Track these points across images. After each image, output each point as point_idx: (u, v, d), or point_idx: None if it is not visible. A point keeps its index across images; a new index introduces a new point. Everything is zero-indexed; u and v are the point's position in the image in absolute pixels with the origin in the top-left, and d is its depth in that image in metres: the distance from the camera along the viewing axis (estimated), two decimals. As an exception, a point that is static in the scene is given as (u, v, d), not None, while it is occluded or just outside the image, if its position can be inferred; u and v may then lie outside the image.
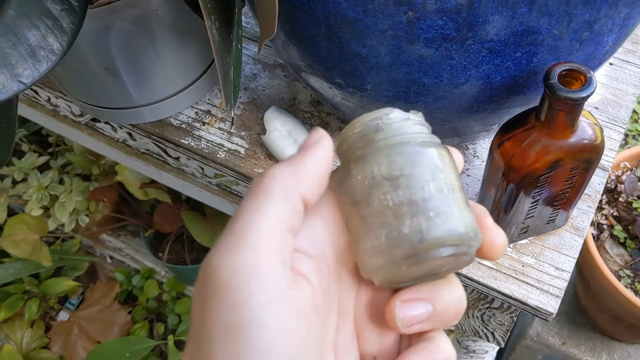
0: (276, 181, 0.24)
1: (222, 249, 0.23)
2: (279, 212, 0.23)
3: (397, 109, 0.26)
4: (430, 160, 0.24)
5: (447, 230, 0.23)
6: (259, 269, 0.22)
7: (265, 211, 0.23)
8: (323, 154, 0.25)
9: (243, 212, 0.23)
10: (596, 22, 0.35)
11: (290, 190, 0.24)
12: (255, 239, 0.23)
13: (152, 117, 0.55)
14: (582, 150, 0.38)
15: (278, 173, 0.24)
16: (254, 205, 0.23)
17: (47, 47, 0.36)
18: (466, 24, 0.33)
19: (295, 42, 0.40)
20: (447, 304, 0.26)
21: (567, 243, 0.47)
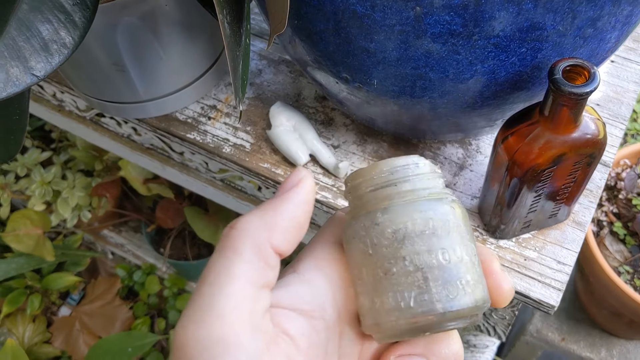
0: (246, 236, 0.22)
1: (189, 320, 0.21)
2: (249, 270, 0.22)
3: (423, 158, 0.25)
4: (459, 222, 0.24)
5: (475, 300, 0.23)
6: (227, 342, 0.20)
7: (233, 271, 0.22)
8: (303, 198, 0.24)
9: (211, 274, 0.22)
10: (599, 19, 0.36)
11: (261, 245, 0.22)
12: (222, 307, 0.21)
13: (158, 111, 0.55)
14: (585, 145, 0.39)
15: (248, 226, 0.23)
16: (221, 266, 0.22)
17: (60, 40, 0.37)
18: (473, 20, 0.34)
19: (303, 37, 0.41)
20: (444, 359, 0.25)
21: (569, 237, 0.48)
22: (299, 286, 0.24)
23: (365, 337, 0.26)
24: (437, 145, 0.53)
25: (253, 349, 0.21)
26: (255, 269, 0.22)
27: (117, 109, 0.55)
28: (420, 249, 0.23)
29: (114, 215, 1.18)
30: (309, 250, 0.26)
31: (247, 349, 0.21)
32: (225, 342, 0.20)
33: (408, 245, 0.23)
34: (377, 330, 0.24)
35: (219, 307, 0.21)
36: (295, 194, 0.24)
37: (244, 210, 0.69)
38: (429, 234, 0.23)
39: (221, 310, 0.21)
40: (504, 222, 0.46)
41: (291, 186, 0.24)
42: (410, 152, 0.53)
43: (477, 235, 0.48)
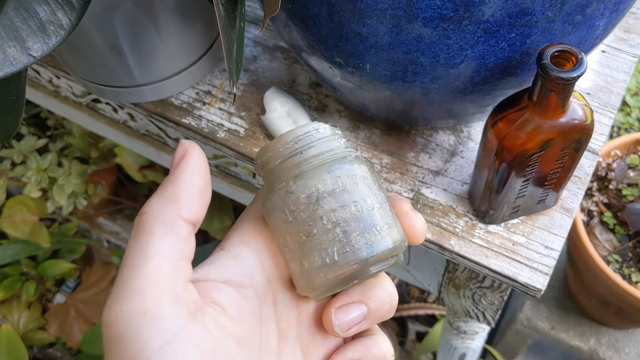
0: (153, 216, 0.23)
1: (111, 300, 0.22)
2: (163, 246, 0.23)
3: (322, 123, 0.26)
4: (365, 174, 0.26)
5: (392, 241, 0.25)
6: (148, 314, 0.21)
7: (147, 250, 0.23)
8: (195, 165, 0.24)
9: (128, 258, 0.23)
10: (588, 6, 0.36)
11: (169, 221, 0.23)
12: (140, 284, 0.22)
13: (154, 96, 0.56)
14: (573, 130, 0.40)
15: (154, 207, 0.24)
16: (136, 249, 0.23)
17: (57, 22, 0.37)
18: (463, 5, 0.34)
19: (297, 21, 0.41)
20: (380, 301, 0.27)
21: (556, 223, 0.49)
22: (226, 261, 0.26)
23: (300, 300, 0.27)
24: (429, 132, 0.54)
25: (176, 316, 0.22)
26: (168, 244, 0.23)
27: (113, 93, 0.55)
28: (334, 206, 0.24)
29: (110, 203, 1.18)
30: (235, 229, 0.27)
31: (170, 317, 0.22)
32: (148, 314, 0.21)
33: (323, 205, 0.24)
34: (311, 289, 0.25)
35: (138, 284, 0.22)
36: (185, 165, 0.24)
37: (238, 196, 0.70)
38: (339, 191, 0.25)
39: (139, 286, 0.22)
40: (493, 208, 0.47)
41: (179, 159, 0.25)
42: (403, 139, 0.54)
43: (467, 221, 0.49)
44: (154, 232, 0.23)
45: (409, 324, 1.16)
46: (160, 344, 0.21)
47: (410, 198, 0.50)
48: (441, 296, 0.62)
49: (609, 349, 0.87)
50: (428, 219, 0.49)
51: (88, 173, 1.05)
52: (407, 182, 0.51)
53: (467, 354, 0.79)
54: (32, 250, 1.07)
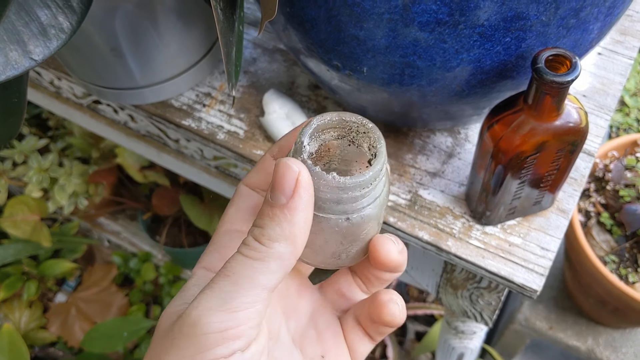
0: (276, 250, 0.25)
1: (207, 304, 0.24)
2: (271, 281, 0.25)
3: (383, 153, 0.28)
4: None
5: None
6: (227, 333, 0.24)
7: (257, 279, 0.24)
8: (308, 199, 0.25)
9: (236, 271, 0.24)
10: (582, 10, 0.37)
11: (287, 260, 0.25)
12: (237, 305, 0.24)
13: (154, 98, 0.56)
14: (568, 132, 0.40)
15: (284, 245, 0.25)
16: (248, 269, 0.24)
17: (58, 25, 0.38)
18: (459, 9, 0.35)
19: (295, 25, 0.42)
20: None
21: (552, 224, 0.49)
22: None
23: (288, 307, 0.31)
24: (427, 134, 0.54)
25: (251, 338, 0.25)
26: (276, 279, 0.25)
27: (114, 94, 0.56)
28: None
29: (111, 203, 1.19)
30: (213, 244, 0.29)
31: (246, 339, 0.24)
32: (226, 333, 0.24)
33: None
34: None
35: (234, 305, 0.24)
36: (299, 199, 0.25)
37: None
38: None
39: (235, 307, 0.24)
40: (490, 209, 0.47)
41: (291, 188, 0.25)
42: (400, 140, 0.54)
43: (464, 222, 0.50)
44: (269, 264, 0.25)
45: (408, 324, 1.16)
46: (218, 357, 0.24)
47: (408, 200, 0.51)
48: (439, 296, 0.63)
49: (607, 348, 0.87)
50: (425, 220, 0.50)
51: (89, 173, 1.06)
52: (405, 183, 0.52)
53: (466, 353, 0.79)
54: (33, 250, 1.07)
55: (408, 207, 0.50)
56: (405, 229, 0.49)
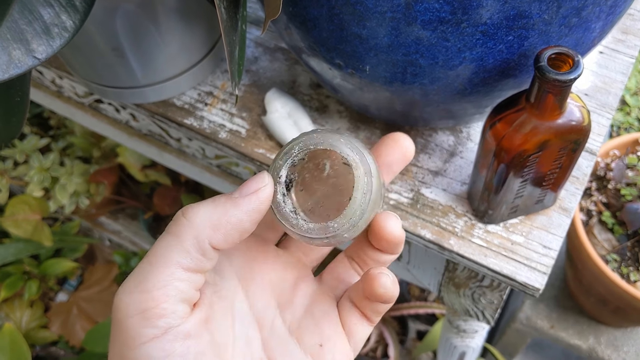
0: (190, 227, 0.25)
1: (122, 288, 0.25)
2: (184, 259, 0.25)
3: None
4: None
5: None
6: (147, 312, 0.24)
7: (170, 256, 0.25)
8: (254, 208, 0.26)
9: (152, 253, 0.25)
10: (584, 9, 0.37)
11: (202, 241, 0.25)
12: (151, 284, 0.24)
13: (156, 97, 0.56)
14: (570, 131, 0.40)
15: (196, 219, 0.25)
16: (163, 248, 0.25)
17: (61, 24, 0.38)
18: (461, 8, 0.35)
19: (298, 24, 0.42)
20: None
21: (555, 222, 0.49)
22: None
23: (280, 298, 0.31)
24: (429, 132, 0.54)
25: (173, 316, 0.24)
26: (191, 258, 0.25)
27: (116, 94, 0.56)
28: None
29: (112, 202, 1.19)
30: None
31: (166, 317, 0.24)
32: (147, 312, 0.24)
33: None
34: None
35: (149, 284, 0.24)
36: (248, 202, 0.26)
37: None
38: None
39: (149, 286, 0.24)
40: (492, 208, 0.47)
41: (248, 192, 0.26)
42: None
43: (466, 221, 0.50)
44: (183, 242, 0.25)
45: (409, 323, 1.16)
46: (150, 338, 0.24)
47: (410, 198, 0.51)
48: (441, 295, 0.63)
49: (608, 347, 0.87)
50: (428, 218, 0.50)
51: (90, 172, 1.06)
52: (407, 182, 0.52)
53: (467, 352, 0.79)
54: (34, 249, 1.07)
55: (410, 206, 0.50)
56: (407, 227, 0.49)
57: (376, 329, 1.09)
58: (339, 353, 0.29)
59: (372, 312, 0.30)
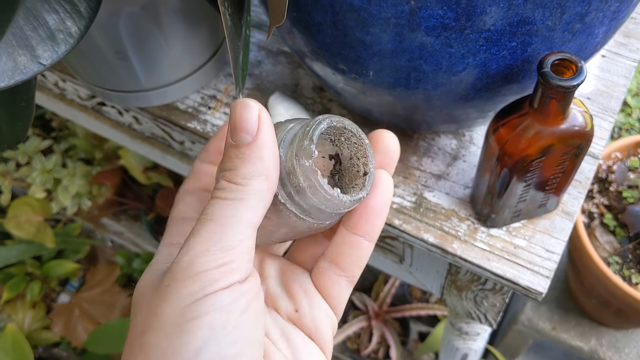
0: (252, 186, 0.26)
1: (196, 249, 0.25)
2: (255, 216, 0.25)
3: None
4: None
5: None
6: (224, 267, 0.24)
7: (241, 216, 0.25)
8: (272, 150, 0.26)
9: (220, 214, 0.25)
10: (587, 15, 0.37)
11: (264, 194, 0.26)
12: (230, 242, 0.25)
13: (160, 100, 0.57)
14: (573, 136, 0.40)
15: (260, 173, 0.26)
16: (231, 210, 0.25)
17: (66, 30, 0.38)
18: (465, 14, 0.35)
19: (301, 29, 0.42)
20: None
21: (557, 226, 0.49)
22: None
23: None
24: (432, 136, 0.55)
25: (248, 272, 0.26)
26: (259, 214, 0.26)
27: (119, 97, 0.56)
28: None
29: (114, 204, 1.19)
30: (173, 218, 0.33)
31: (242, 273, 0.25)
32: (223, 267, 0.24)
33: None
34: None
35: (227, 243, 0.25)
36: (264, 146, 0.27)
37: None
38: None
39: (229, 245, 0.25)
40: (495, 212, 0.47)
41: (253, 130, 0.26)
42: (405, 143, 0.54)
43: (469, 224, 0.50)
44: (250, 199, 0.25)
45: (411, 324, 1.16)
46: (222, 287, 0.24)
47: (413, 202, 0.51)
48: (443, 298, 0.63)
49: (610, 349, 0.87)
50: (431, 222, 0.50)
51: (92, 174, 1.06)
52: (410, 185, 0.52)
53: (469, 354, 0.80)
54: (36, 251, 1.08)
55: (413, 210, 0.51)
56: (410, 231, 0.49)
57: (378, 330, 1.09)
58: (318, 314, 0.30)
59: (351, 265, 0.31)
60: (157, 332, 0.23)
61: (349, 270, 0.31)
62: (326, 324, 0.30)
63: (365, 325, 1.11)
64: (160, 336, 0.23)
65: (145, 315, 0.24)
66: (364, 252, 0.31)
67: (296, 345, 0.29)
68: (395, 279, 1.13)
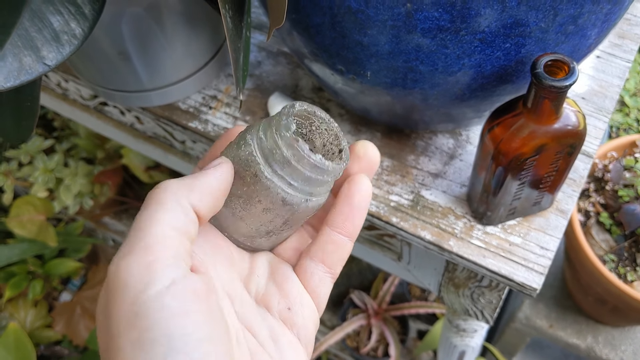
0: (167, 191, 0.26)
1: (118, 256, 0.25)
2: (171, 217, 0.25)
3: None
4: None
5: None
6: (152, 264, 0.24)
7: (157, 217, 0.25)
8: (219, 176, 0.27)
9: (138, 222, 0.25)
10: (580, 17, 0.38)
11: (181, 199, 0.26)
12: (148, 241, 0.24)
13: (161, 100, 0.58)
14: (566, 135, 0.41)
15: (169, 185, 0.26)
16: (146, 215, 0.25)
17: (70, 31, 0.39)
18: (460, 16, 0.36)
19: (300, 30, 0.43)
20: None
21: (552, 224, 0.50)
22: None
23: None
24: (429, 135, 0.55)
25: (177, 268, 0.24)
26: (177, 217, 0.26)
27: (122, 97, 0.57)
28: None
29: (115, 203, 1.20)
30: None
31: (172, 267, 0.24)
32: (153, 264, 0.24)
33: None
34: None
35: (145, 242, 0.24)
36: (213, 171, 0.28)
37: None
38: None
39: (146, 244, 0.24)
40: (490, 209, 0.48)
41: (211, 166, 0.28)
42: (403, 142, 0.55)
43: (466, 222, 0.51)
44: (165, 204, 0.26)
45: (410, 323, 1.17)
46: (160, 288, 0.23)
47: (410, 200, 0.52)
48: (441, 295, 0.64)
49: (606, 346, 0.88)
50: (428, 220, 0.51)
51: (94, 173, 1.07)
52: (408, 184, 0.53)
53: (467, 351, 0.80)
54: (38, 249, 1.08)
55: (410, 208, 0.51)
56: (407, 228, 0.50)
57: (377, 328, 1.10)
58: (307, 312, 0.31)
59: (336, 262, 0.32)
60: (118, 352, 0.23)
61: (334, 268, 0.32)
62: (313, 322, 0.31)
63: (365, 324, 1.12)
64: (126, 355, 0.23)
65: (103, 334, 0.25)
66: (346, 250, 0.32)
67: (283, 346, 0.29)
68: (394, 278, 1.14)
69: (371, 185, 0.32)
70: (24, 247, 1.07)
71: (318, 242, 0.32)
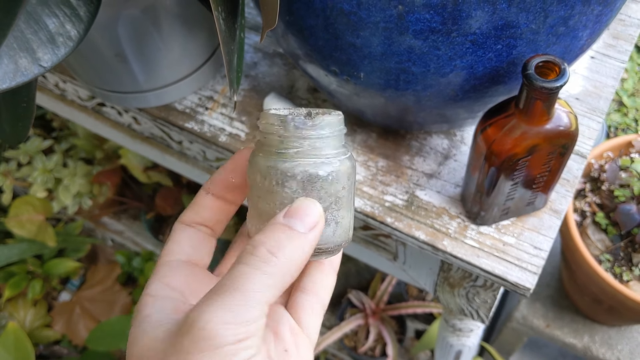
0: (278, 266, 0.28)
1: (216, 315, 0.26)
2: (273, 296, 0.27)
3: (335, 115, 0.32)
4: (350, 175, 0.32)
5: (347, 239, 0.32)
6: (241, 344, 0.25)
7: (263, 295, 0.26)
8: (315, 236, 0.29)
9: (242, 281, 0.26)
10: (571, 18, 0.38)
11: (285, 279, 0.28)
12: (248, 318, 0.26)
13: (158, 101, 0.58)
14: (558, 136, 0.42)
15: (285, 257, 0.28)
16: (257, 284, 0.26)
17: (65, 33, 0.39)
18: (451, 18, 0.36)
19: (294, 32, 0.43)
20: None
21: (545, 224, 0.50)
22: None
23: None
24: (424, 136, 0.56)
25: (255, 348, 0.27)
26: (276, 295, 0.27)
27: (119, 98, 0.57)
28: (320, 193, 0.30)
29: (114, 203, 1.21)
30: (156, 274, 0.32)
31: (252, 348, 0.26)
32: (240, 344, 0.26)
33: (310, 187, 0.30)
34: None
35: (245, 317, 0.26)
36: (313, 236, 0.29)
37: (240, 197, 0.72)
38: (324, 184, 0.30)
39: (246, 319, 0.26)
40: (484, 209, 0.48)
41: (310, 225, 0.29)
42: (398, 142, 0.55)
43: (460, 222, 0.51)
44: (273, 276, 0.27)
45: (407, 322, 1.18)
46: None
47: (405, 200, 0.52)
48: (437, 295, 0.64)
49: (602, 345, 0.88)
50: (422, 220, 0.51)
51: (93, 174, 1.07)
52: (402, 184, 0.53)
53: (463, 351, 0.81)
54: (38, 249, 1.09)
55: (405, 208, 0.52)
56: (402, 228, 0.51)
57: (375, 327, 1.11)
58: (303, 349, 0.31)
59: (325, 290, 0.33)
60: None
61: (323, 297, 0.33)
62: (310, 353, 0.32)
63: (363, 323, 1.12)
64: None
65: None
66: (333, 279, 0.33)
67: None
68: (392, 278, 1.14)
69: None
70: (23, 247, 1.08)
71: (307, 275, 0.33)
